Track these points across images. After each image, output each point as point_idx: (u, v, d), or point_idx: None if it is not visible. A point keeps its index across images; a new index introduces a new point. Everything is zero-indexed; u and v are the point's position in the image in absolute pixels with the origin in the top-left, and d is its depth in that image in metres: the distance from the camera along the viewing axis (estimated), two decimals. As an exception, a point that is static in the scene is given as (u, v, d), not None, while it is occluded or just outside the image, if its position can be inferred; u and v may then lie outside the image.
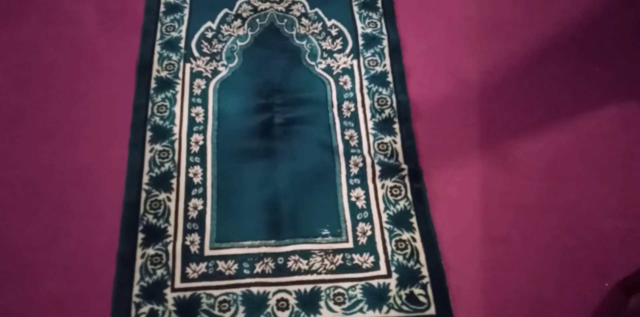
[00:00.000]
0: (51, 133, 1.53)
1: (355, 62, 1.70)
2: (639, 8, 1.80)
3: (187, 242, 1.38)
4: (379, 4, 1.81)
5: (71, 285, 1.32)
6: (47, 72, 1.64)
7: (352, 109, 1.61)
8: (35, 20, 1.74)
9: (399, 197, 1.46)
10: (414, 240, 1.40)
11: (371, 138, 1.56)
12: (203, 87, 1.63)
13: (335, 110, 1.61)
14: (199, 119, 1.57)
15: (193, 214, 1.42)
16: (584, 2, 1.82)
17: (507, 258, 1.38)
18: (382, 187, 1.47)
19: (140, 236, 1.38)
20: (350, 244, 1.39)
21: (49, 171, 1.47)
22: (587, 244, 1.40)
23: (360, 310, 1.30)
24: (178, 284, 1.32)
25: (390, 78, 1.66)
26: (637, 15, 1.79)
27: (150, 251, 1.36)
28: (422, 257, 1.37)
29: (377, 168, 1.50)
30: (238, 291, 1.32)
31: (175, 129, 1.55)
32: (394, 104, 1.61)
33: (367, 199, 1.46)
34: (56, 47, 1.68)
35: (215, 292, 1.31)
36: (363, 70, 1.68)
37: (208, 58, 1.68)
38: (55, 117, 1.56)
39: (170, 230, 1.40)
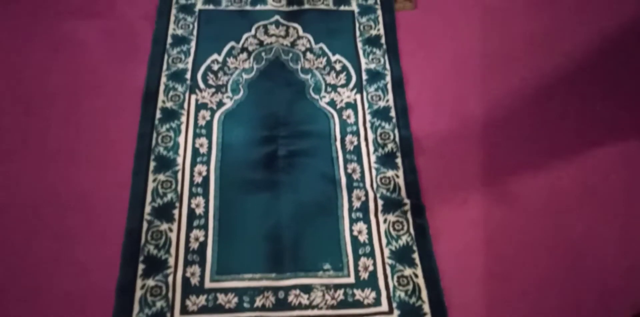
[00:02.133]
0: (54, 158, 1.54)
1: (358, 96, 1.72)
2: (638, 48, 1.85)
3: (188, 274, 1.37)
4: (383, 40, 1.85)
5: (70, 312, 1.30)
6: (52, 98, 1.65)
7: (355, 143, 1.62)
8: (42, 48, 1.76)
9: (401, 232, 1.46)
10: (416, 276, 1.39)
11: (374, 172, 1.57)
12: (208, 118, 1.64)
13: (338, 143, 1.62)
14: (203, 150, 1.58)
15: (194, 245, 1.42)
16: (585, 41, 1.86)
17: (509, 295, 1.38)
18: (385, 221, 1.47)
19: (141, 266, 1.37)
20: (351, 279, 1.38)
21: (51, 195, 1.47)
22: (589, 282, 1.40)
23: (362, 347, 1.29)
24: (177, 316, 1.30)
25: (393, 113, 1.68)
26: (637, 55, 1.83)
27: (151, 282, 1.34)
28: (424, 294, 1.36)
29: (380, 202, 1.50)
30: (238, 325, 1.30)
31: (179, 160, 1.55)
32: (397, 139, 1.63)
33: (370, 233, 1.46)
34: (63, 74, 1.70)
35: (215, 326, 1.30)
36: (366, 105, 1.70)
37: (213, 90, 1.70)
38: (60, 142, 1.57)
39: (171, 261, 1.38)
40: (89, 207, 1.46)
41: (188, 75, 1.72)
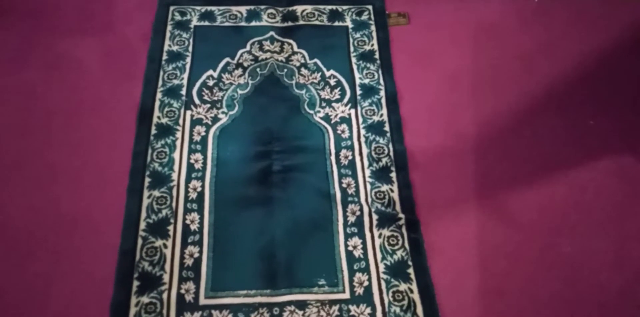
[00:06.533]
0: (49, 178, 1.54)
1: (353, 111, 1.73)
2: (631, 63, 1.86)
3: (182, 291, 1.36)
4: (377, 56, 1.86)
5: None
6: (48, 117, 1.65)
7: (350, 157, 1.63)
8: (38, 66, 1.77)
9: (396, 247, 1.46)
10: (411, 291, 1.38)
11: (368, 186, 1.57)
12: (203, 134, 1.65)
13: (333, 158, 1.62)
14: (198, 166, 1.58)
15: (189, 261, 1.41)
16: (577, 57, 1.88)
17: (504, 311, 1.37)
18: (380, 236, 1.47)
19: (135, 283, 1.36)
20: (347, 295, 1.38)
21: (45, 216, 1.47)
22: (584, 297, 1.40)
23: (357, 363, 1.28)
24: (171, 334, 1.30)
25: (387, 127, 1.69)
26: (630, 70, 1.84)
27: (145, 299, 1.34)
28: (420, 310, 1.36)
29: (375, 217, 1.50)
30: (232, 342, 1.30)
31: (174, 176, 1.55)
32: (391, 153, 1.63)
33: (365, 248, 1.46)
34: (58, 93, 1.71)
35: (209, 344, 1.29)
36: (360, 120, 1.71)
37: (209, 105, 1.71)
38: (54, 162, 1.56)
39: (166, 278, 1.38)
40: (83, 226, 1.46)
41: (183, 91, 1.73)
